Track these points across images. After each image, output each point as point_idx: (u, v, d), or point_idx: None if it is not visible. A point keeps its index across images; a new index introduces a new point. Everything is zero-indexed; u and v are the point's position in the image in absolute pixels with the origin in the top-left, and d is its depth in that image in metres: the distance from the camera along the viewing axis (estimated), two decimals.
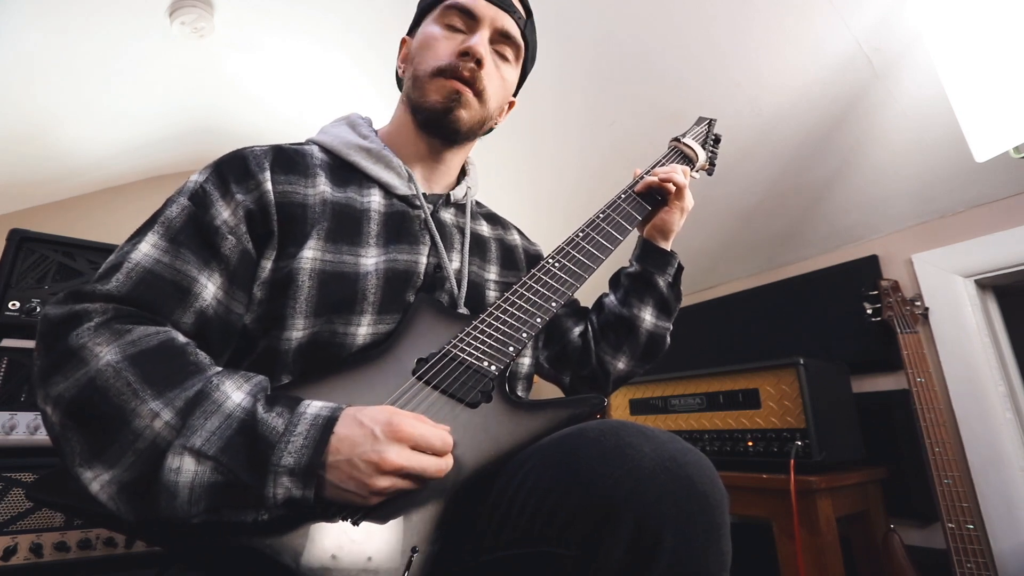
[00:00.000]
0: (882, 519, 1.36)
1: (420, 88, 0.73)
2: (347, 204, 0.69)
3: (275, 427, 0.46)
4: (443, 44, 0.73)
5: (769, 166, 1.57)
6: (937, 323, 1.41)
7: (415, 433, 0.47)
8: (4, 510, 0.95)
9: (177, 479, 0.43)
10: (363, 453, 0.45)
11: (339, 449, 0.46)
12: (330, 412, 0.48)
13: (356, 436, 0.46)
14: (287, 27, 1.72)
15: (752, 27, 1.31)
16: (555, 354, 0.90)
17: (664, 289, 0.86)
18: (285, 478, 0.44)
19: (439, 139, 0.77)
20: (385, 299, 0.65)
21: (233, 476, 0.44)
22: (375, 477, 0.45)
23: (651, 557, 0.42)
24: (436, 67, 0.72)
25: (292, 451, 0.45)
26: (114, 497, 0.44)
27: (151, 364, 0.48)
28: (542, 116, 1.76)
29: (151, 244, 0.57)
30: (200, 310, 0.57)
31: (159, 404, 0.46)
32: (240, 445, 0.45)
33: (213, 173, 0.64)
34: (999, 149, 1.03)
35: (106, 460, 0.44)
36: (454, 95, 0.72)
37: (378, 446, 0.46)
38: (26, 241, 1.12)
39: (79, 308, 0.51)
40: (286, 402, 0.49)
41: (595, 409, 0.60)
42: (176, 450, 0.44)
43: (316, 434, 0.46)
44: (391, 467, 0.45)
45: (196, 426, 0.45)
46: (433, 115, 0.73)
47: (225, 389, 0.48)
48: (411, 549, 0.45)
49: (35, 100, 1.77)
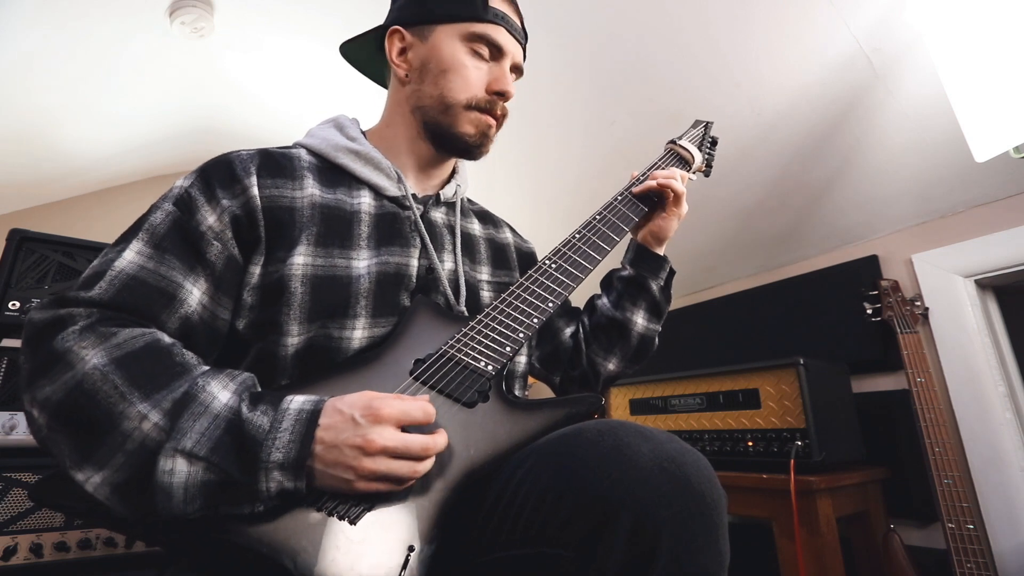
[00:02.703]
0: (882, 519, 1.36)
1: (451, 116, 0.74)
2: (336, 207, 0.68)
3: (261, 425, 0.47)
4: (474, 75, 0.74)
5: (769, 166, 1.57)
6: (937, 323, 1.41)
7: (394, 412, 0.48)
8: (4, 510, 0.95)
9: (171, 480, 0.44)
10: (347, 439, 0.46)
11: (324, 439, 0.47)
12: (312, 405, 0.49)
13: (339, 424, 0.47)
14: (287, 27, 1.72)
15: (752, 27, 1.31)
16: (546, 354, 0.90)
17: (657, 293, 0.86)
18: (276, 472, 0.45)
19: (447, 152, 0.78)
20: (378, 302, 0.65)
21: (226, 475, 0.44)
22: (363, 460, 0.46)
23: (649, 557, 0.42)
24: (471, 102, 0.73)
25: (280, 447, 0.46)
26: (109, 497, 0.44)
27: (137, 366, 0.49)
28: (543, 116, 1.76)
29: (135, 251, 0.57)
30: (185, 316, 0.58)
31: (147, 406, 0.46)
32: (229, 445, 0.46)
33: (199, 178, 0.64)
34: (999, 149, 1.03)
35: (95, 462, 0.45)
36: (488, 131, 0.75)
37: (360, 430, 0.46)
38: (26, 241, 1.12)
39: (63, 312, 0.51)
40: (270, 399, 0.50)
41: (593, 409, 0.60)
42: (168, 453, 0.44)
43: (301, 428, 0.47)
44: (376, 448, 0.46)
45: (185, 428, 0.45)
46: (464, 145, 0.75)
47: (211, 390, 0.49)
48: (408, 548, 0.45)
49: (35, 100, 1.78)
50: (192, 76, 1.94)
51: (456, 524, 0.51)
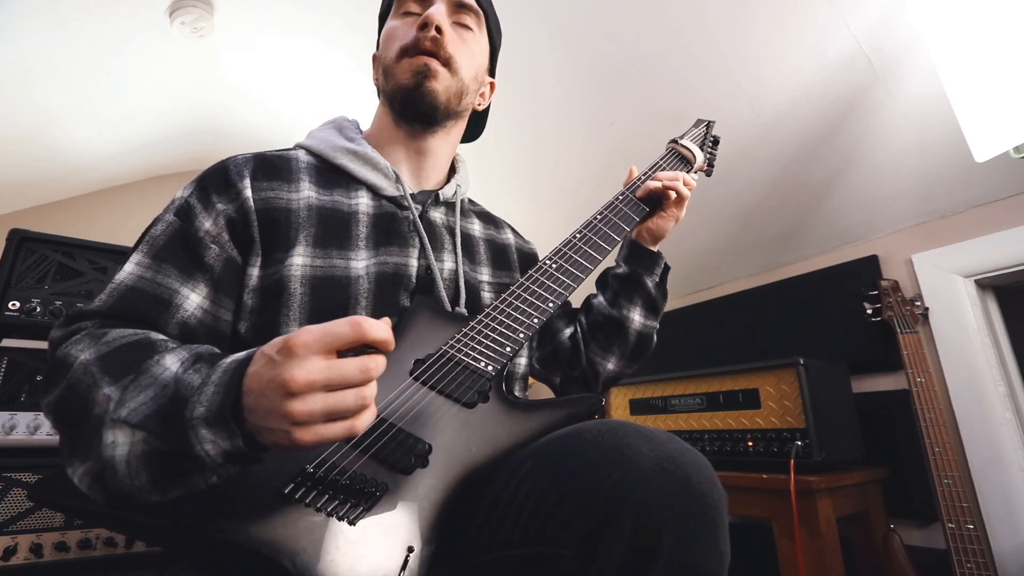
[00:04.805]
0: (882, 519, 1.36)
1: (390, 75, 0.74)
2: (334, 208, 0.69)
3: (191, 383, 0.44)
4: (402, 29, 0.74)
5: (769, 166, 1.57)
6: (937, 323, 1.41)
7: (311, 337, 0.40)
8: (4, 510, 0.95)
9: (114, 453, 0.42)
10: (269, 381, 0.40)
11: (251, 388, 0.41)
12: (247, 355, 0.44)
13: (261, 368, 0.41)
14: (287, 27, 1.72)
15: (752, 27, 1.31)
16: (546, 355, 0.90)
17: (652, 289, 0.86)
18: (203, 430, 0.41)
19: (419, 123, 0.76)
20: (378, 302, 0.65)
21: (159, 441, 0.42)
22: (288, 402, 0.39)
23: (650, 557, 0.42)
24: (399, 48, 0.72)
25: (203, 400, 0.42)
26: (90, 487, 0.44)
27: (115, 357, 0.49)
28: (543, 116, 1.76)
29: (135, 263, 0.60)
30: (183, 320, 0.59)
31: (112, 388, 0.46)
32: (163, 410, 0.43)
33: (197, 187, 0.65)
34: (999, 149, 1.03)
35: (80, 453, 0.45)
36: (421, 68, 0.71)
37: (277, 368, 0.40)
38: (26, 241, 1.12)
39: (73, 327, 0.55)
40: (211, 359, 0.46)
41: (593, 409, 0.60)
42: (108, 424, 0.43)
43: (227, 378, 0.42)
44: (300, 385, 0.39)
45: (127, 399, 0.44)
46: (406, 94, 0.72)
47: (165, 362, 0.47)
48: (407, 549, 0.45)
49: (35, 100, 1.78)
50: (192, 76, 1.94)
51: (455, 524, 0.50)
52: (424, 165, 0.79)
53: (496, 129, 0.84)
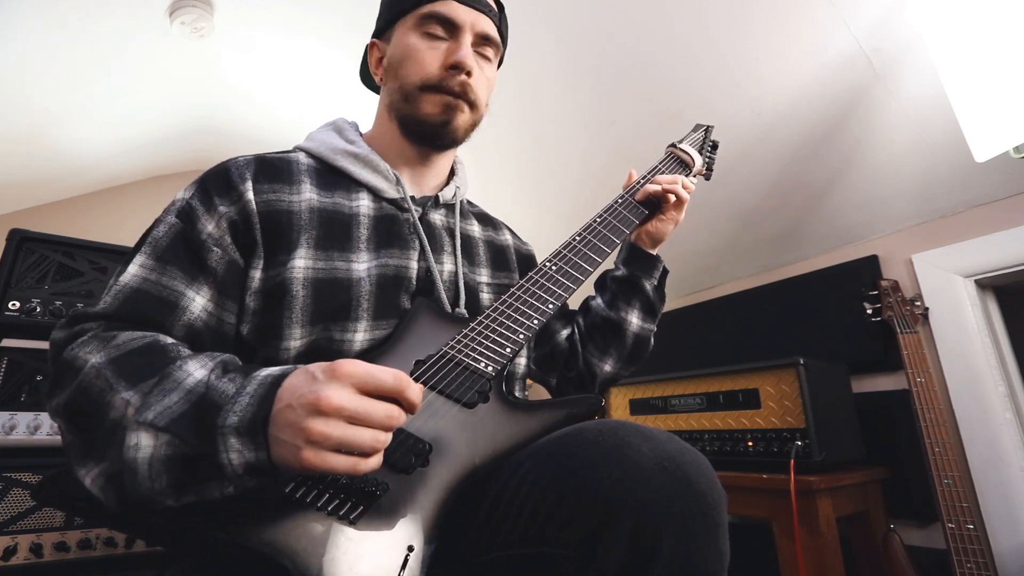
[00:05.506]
0: (882, 519, 1.36)
1: (411, 102, 0.73)
2: (335, 210, 0.69)
3: (225, 391, 0.45)
4: (427, 56, 0.72)
5: (769, 166, 1.57)
6: (937, 323, 1.41)
7: (357, 370, 0.42)
8: (4, 510, 0.95)
9: (136, 455, 0.42)
10: (302, 395, 0.41)
11: (281, 398, 0.43)
12: (283, 371, 0.46)
13: (298, 382, 0.43)
14: (287, 27, 1.72)
15: (752, 27, 1.31)
16: (543, 356, 0.90)
17: (650, 292, 0.86)
18: (233, 439, 0.42)
19: (429, 147, 0.77)
20: (379, 304, 0.65)
21: (185, 446, 0.42)
22: (313, 421, 0.40)
23: (650, 557, 0.42)
24: (426, 82, 0.71)
25: (237, 410, 0.43)
26: (103, 488, 0.44)
27: (127, 361, 0.49)
28: (544, 117, 1.76)
29: (139, 264, 0.59)
30: (189, 323, 0.58)
31: (131, 393, 0.46)
32: (191, 415, 0.44)
33: (198, 189, 0.65)
34: (999, 149, 1.03)
35: (95, 456, 0.45)
36: (449, 109, 0.72)
37: (316, 386, 0.41)
38: (26, 241, 1.12)
39: (76, 328, 0.54)
40: (243, 370, 0.48)
41: (593, 409, 0.60)
42: (132, 427, 0.43)
43: (263, 391, 0.44)
44: (328, 406, 0.40)
45: (152, 403, 0.45)
46: (429, 128, 0.73)
47: (188, 368, 0.48)
48: (407, 548, 0.45)
49: (35, 100, 1.78)
50: (192, 76, 1.94)
51: (456, 524, 0.51)
52: (425, 172, 0.80)
53: (496, 129, 0.84)
